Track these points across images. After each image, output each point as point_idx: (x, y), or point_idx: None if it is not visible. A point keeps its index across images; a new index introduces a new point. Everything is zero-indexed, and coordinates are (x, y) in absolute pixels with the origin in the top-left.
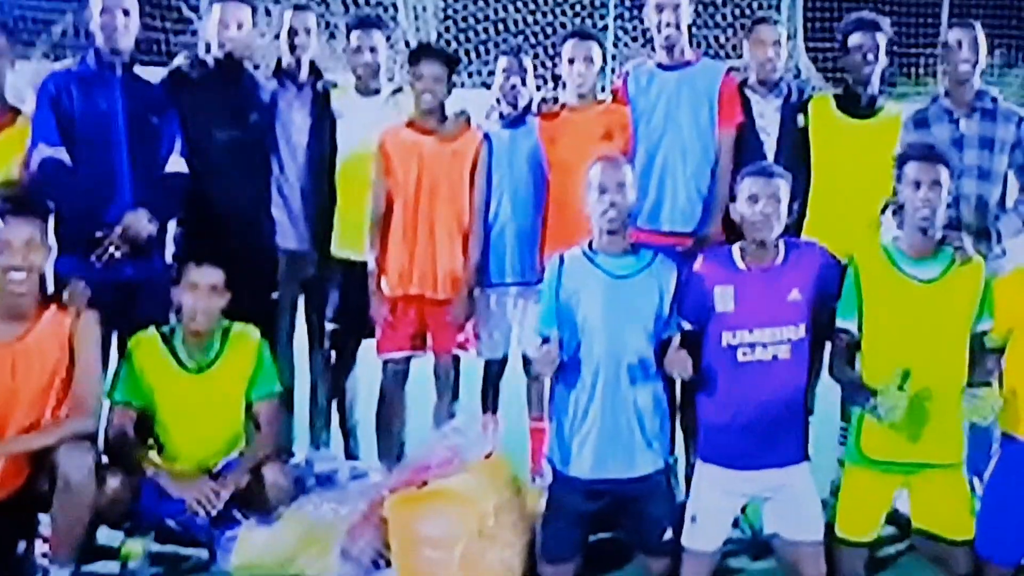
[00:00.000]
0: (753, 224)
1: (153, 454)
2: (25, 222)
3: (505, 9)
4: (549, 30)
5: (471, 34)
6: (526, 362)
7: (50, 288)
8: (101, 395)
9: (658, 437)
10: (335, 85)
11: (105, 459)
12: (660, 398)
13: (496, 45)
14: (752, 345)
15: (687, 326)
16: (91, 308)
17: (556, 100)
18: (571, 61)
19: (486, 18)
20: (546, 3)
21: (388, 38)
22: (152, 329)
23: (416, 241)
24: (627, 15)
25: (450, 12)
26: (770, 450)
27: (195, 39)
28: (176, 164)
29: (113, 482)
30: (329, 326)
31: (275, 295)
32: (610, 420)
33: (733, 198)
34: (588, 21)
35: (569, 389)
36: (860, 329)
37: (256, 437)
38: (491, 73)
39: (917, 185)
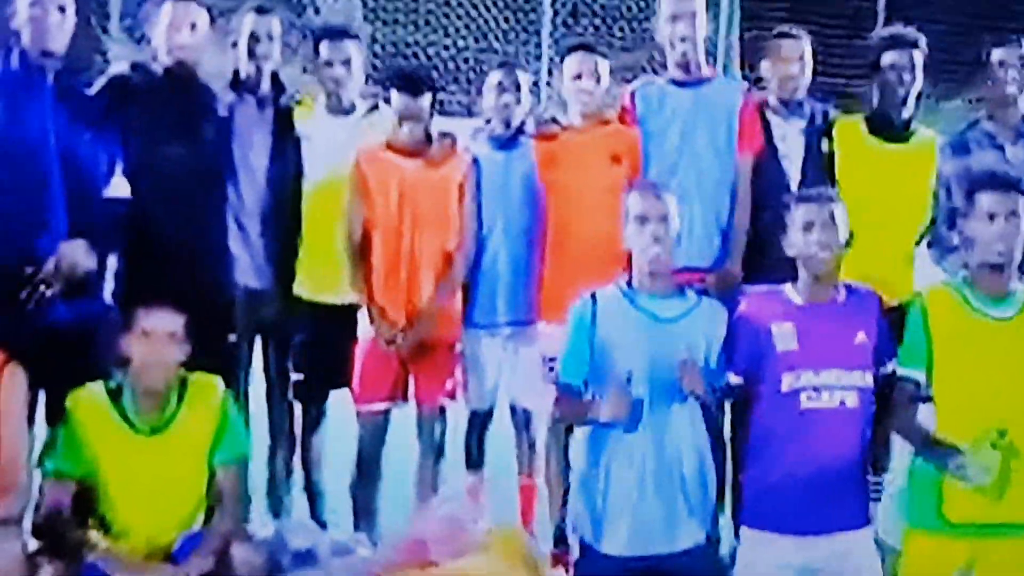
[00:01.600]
0: (811, 257)
1: (96, 533)
2: None
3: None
4: (474, 58)
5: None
6: (514, 412)
7: None
8: (28, 467)
9: (703, 504)
10: (299, 102)
11: (37, 543)
12: (706, 459)
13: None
14: (818, 389)
15: (734, 379)
16: (12, 360)
17: (555, 120)
18: (577, 76)
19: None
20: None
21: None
22: (95, 385)
23: (397, 278)
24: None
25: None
26: (832, 512)
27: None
28: (117, 187)
29: (48, 572)
30: (294, 375)
31: (232, 338)
32: (651, 486)
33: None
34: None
35: (600, 448)
36: (929, 379)
37: (219, 509)
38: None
39: (991, 217)
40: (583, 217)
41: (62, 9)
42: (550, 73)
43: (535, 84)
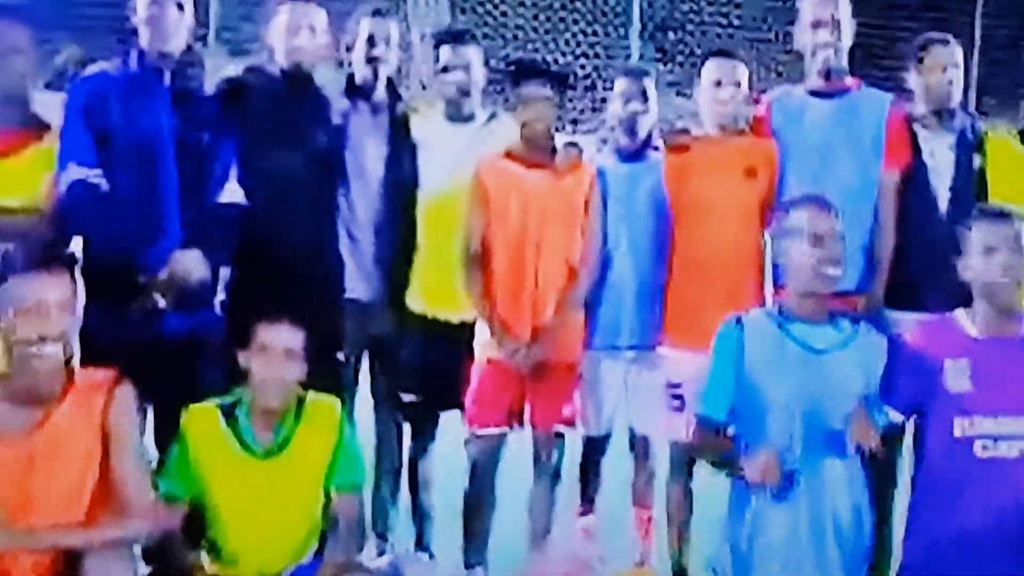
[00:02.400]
0: (994, 284)
1: (206, 558)
2: (58, 278)
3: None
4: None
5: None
6: (633, 439)
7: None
8: (149, 490)
9: (858, 559)
10: (416, 109)
11: (147, 568)
12: (864, 512)
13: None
14: (995, 438)
15: (895, 416)
16: (124, 378)
17: (687, 130)
18: (716, 83)
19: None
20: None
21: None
22: (209, 402)
23: (521, 293)
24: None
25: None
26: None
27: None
28: (232, 193)
29: None
30: (405, 396)
31: (340, 355)
32: (804, 535)
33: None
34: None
35: (746, 492)
36: None
37: (333, 537)
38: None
39: None
40: (714, 234)
41: (180, 7)
42: None
43: None
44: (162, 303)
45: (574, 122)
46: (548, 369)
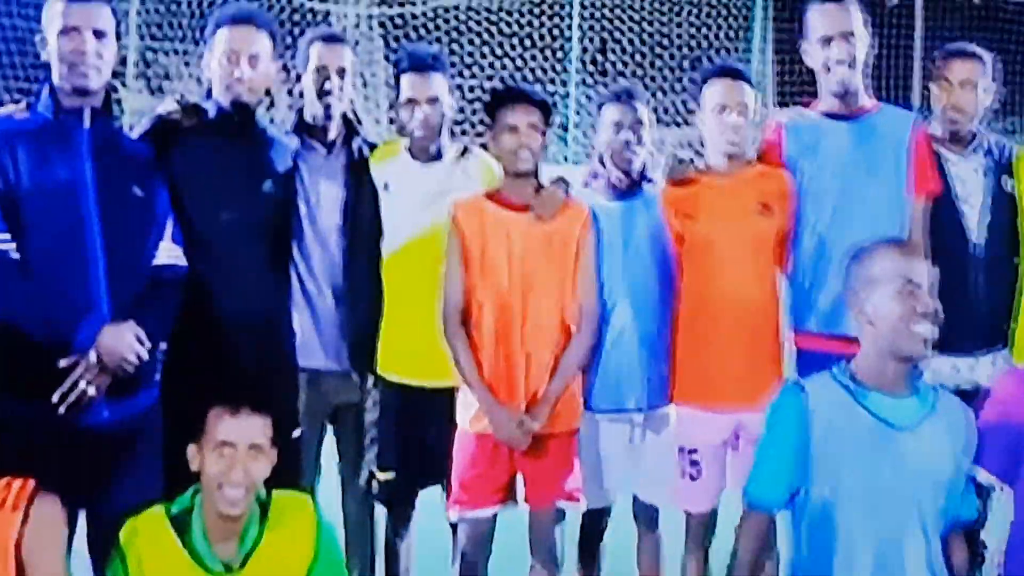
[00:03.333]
0: None
1: None
2: None
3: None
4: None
5: None
6: (638, 509)
7: None
8: None
9: None
10: (376, 147)
11: None
12: None
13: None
14: None
15: (985, 477)
16: (44, 489)
17: (691, 161)
18: (722, 108)
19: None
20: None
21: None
22: (155, 510)
23: (509, 357)
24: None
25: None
26: None
27: None
28: (168, 253)
29: None
30: (380, 474)
31: (296, 433)
32: None
33: None
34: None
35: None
36: None
37: None
38: None
39: None
40: (725, 278)
41: (99, 35)
42: (577, 114)
43: (563, 128)
44: (91, 390)
45: None
46: (545, 440)
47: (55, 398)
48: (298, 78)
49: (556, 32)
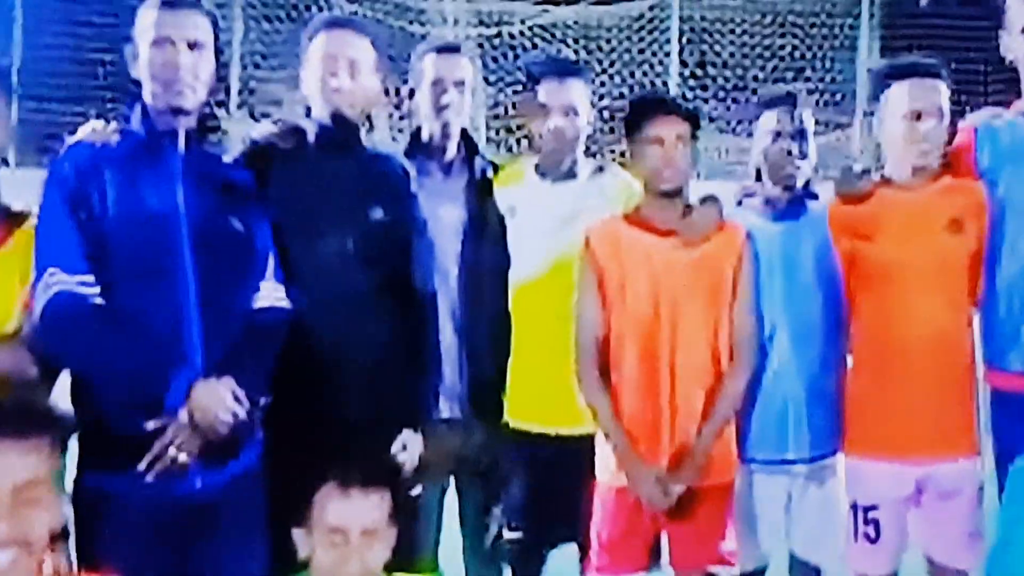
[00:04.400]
0: None
1: None
2: (34, 451)
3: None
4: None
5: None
6: (797, 573)
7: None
8: None
9: None
10: (501, 167)
11: None
12: None
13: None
14: None
15: None
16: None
17: (867, 173)
18: (916, 116)
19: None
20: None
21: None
22: None
23: (654, 403)
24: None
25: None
26: None
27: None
28: (270, 294)
29: None
30: (507, 532)
31: (416, 491)
32: None
33: None
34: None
35: None
36: None
37: None
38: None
39: None
40: (907, 309)
41: (195, 47)
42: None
43: None
44: (182, 456)
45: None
46: (695, 496)
47: (142, 467)
48: (410, 95)
49: (655, 47)
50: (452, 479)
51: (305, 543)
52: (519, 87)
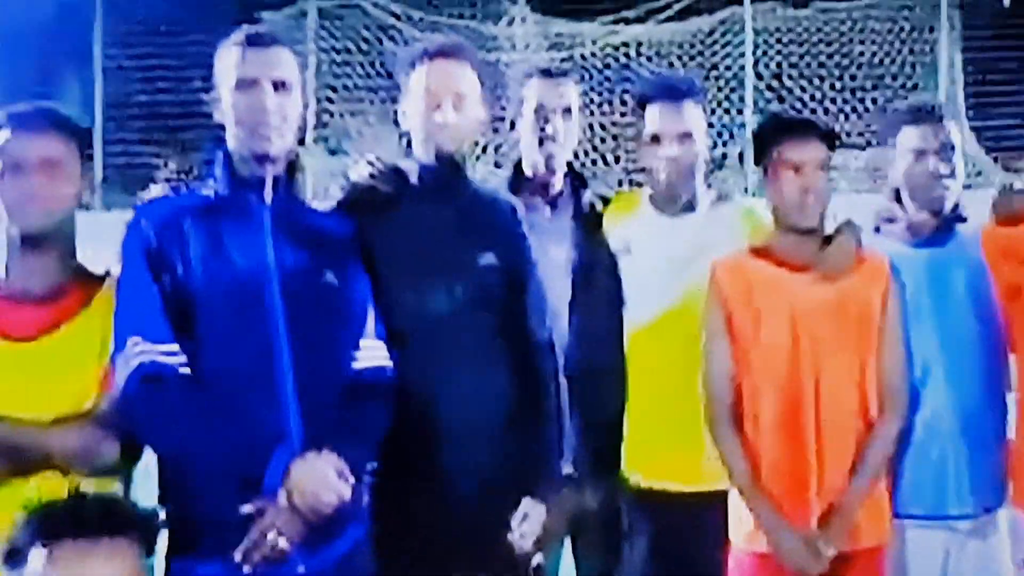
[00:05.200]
0: None
1: None
2: (117, 556)
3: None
4: None
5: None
6: None
7: None
8: None
9: None
10: (611, 201)
11: None
12: None
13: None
14: None
15: None
16: None
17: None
18: None
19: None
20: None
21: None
22: None
23: (798, 460)
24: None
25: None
26: None
27: None
28: (372, 354)
29: None
30: None
31: (537, 561)
32: None
33: None
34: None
35: None
36: None
37: None
38: None
39: None
40: None
41: (281, 87)
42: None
43: (739, 159)
44: (282, 542)
45: None
46: (845, 560)
47: (238, 556)
48: (511, 126)
49: (729, 60)
50: (568, 541)
51: None
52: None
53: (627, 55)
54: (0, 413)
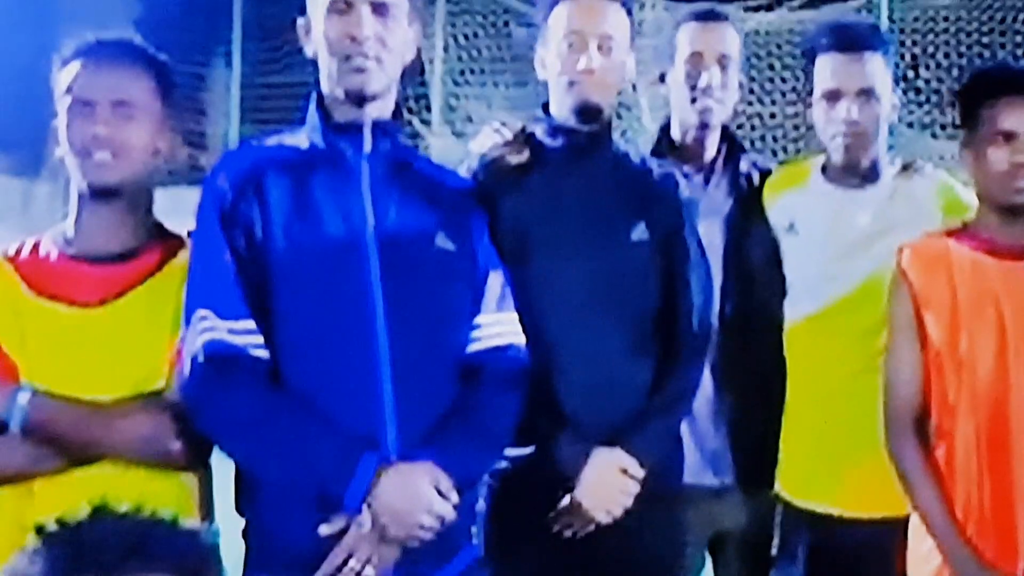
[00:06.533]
0: None
1: None
2: None
3: None
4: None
5: None
6: None
7: None
8: None
9: None
10: (767, 172)
11: None
12: None
13: None
14: None
15: None
16: None
17: None
18: None
19: None
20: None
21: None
22: None
23: (996, 485)
24: None
25: None
26: None
27: None
28: (496, 330)
29: None
30: None
31: None
32: None
33: None
34: None
35: None
36: None
37: None
38: None
39: None
40: None
41: (380, 9)
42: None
43: None
44: (368, 571)
45: None
46: None
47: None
48: (661, 79)
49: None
50: (710, 559)
51: None
52: None
53: (757, 43)
54: (59, 392)
